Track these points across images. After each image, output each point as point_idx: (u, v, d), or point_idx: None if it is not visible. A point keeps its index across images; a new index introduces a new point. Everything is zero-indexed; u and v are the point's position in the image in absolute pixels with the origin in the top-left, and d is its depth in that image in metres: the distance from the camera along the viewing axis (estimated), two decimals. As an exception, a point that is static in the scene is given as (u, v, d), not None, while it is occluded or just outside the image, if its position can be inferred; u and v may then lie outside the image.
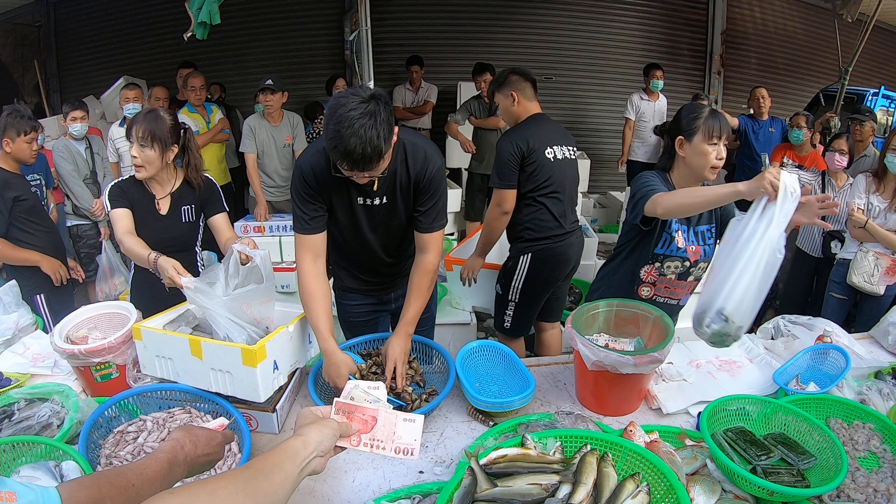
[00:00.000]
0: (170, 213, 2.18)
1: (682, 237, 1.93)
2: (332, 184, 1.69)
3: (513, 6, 6.50)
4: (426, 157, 1.74)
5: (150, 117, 2.05)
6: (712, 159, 1.82)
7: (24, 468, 1.21)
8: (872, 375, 1.82)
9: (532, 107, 2.68)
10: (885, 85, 6.13)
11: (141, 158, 2.04)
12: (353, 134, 1.40)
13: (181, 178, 2.21)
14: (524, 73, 2.70)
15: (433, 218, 1.79)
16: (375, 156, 1.44)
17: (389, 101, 1.53)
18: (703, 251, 1.96)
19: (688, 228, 1.95)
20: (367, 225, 1.82)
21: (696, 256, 1.95)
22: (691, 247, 1.94)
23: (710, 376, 1.84)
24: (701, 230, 1.96)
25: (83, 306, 1.88)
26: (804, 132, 4.03)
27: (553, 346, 2.99)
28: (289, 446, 0.92)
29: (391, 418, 1.10)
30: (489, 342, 1.88)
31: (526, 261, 2.65)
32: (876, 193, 3.07)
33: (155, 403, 1.55)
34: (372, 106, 1.43)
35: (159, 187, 2.17)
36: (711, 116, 1.83)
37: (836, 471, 1.21)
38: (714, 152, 1.82)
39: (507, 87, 2.65)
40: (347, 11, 5.99)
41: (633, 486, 1.09)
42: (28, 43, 6.35)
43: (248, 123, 4.11)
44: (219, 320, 1.57)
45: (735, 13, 6.87)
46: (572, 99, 6.82)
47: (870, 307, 3.04)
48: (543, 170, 2.57)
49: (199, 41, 3.57)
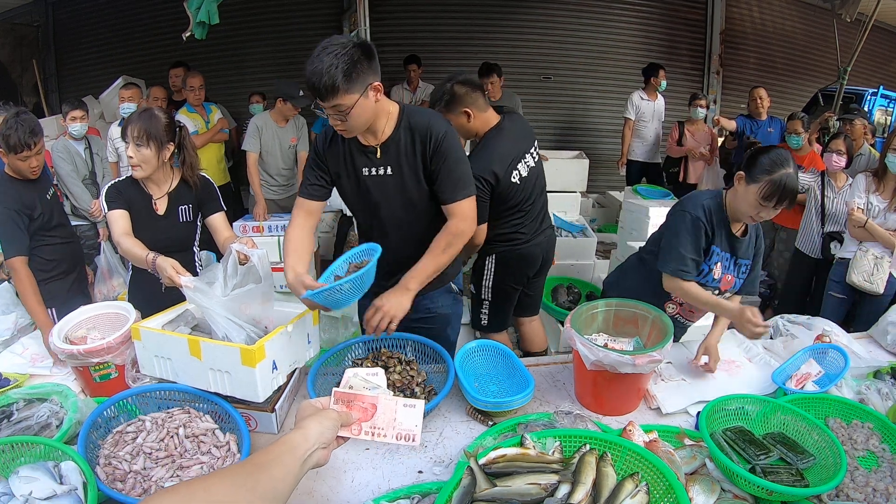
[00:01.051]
0: (167, 213, 2.17)
1: (720, 268, 1.92)
2: (339, 151, 1.78)
3: (512, 6, 6.50)
4: (429, 123, 1.73)
5: (144, 116, 2.04)
6: (754, 214, 1.80)
7: (22, 468, 1.21)
8: (871, 375, 1.82)
9: (489, 117, 2.42)
10: (883, 85, 6.13)
11: (137, 158, 2.03)
12: (317, 60, 1.53)
13: (178, 177, 2.20)
14: (469, 82, 2.41)
15: (453, 186, 1.74)
16: (330, 87, 1.53)
17: (373, 53, 1.60)
18: (735, 283, 1.96)
19: (730, 258, 1.93)
20: (378, 200, 1.80)
21: (727, 286, 1.95)
22: (727, 276, 1.94)
23: (709, 375, 1.84)
24: (743, 263, 1.95)
25: (82, 306, 1.88)
26: (803, 137, 4.04)
27: (536, 338, 2.98)
28: (289, 440, 0.91)
29: (391, 405, 1.09)
30: (488, 342, 1.88)
31: (491, 262, 2.61)
32: (876, 193, 3.07)
33: (154, 403, 1.55)
34: (349, 49, 1.53)
35: (156, 187, 2.16)
36: (781, 181, 1.70)
37: (835, 470, 1.21)
38: (761, 211, 1.77)
39: (457, 104, 2.37)
40: (346, 11, 6.00)
41: (632, 485, 1.09)
42: (27, 43, 6.35)
43: (255, 122, 4.10)
44: (217, 320, 1.57)
45: (734, 13, 6.88)
46: (571, 99, 6.82)
47: (869, 307, 3.04)
48: (511, 194, 2.41)
49: (197, 41, 3.57)
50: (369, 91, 1.60)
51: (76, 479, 1.21)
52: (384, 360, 1.80)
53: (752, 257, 1.97)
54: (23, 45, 6.28)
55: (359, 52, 1.55)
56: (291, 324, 1.64)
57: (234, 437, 1.44)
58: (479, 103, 2.38)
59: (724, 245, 1.90)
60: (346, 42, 1.56)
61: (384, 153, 1.74)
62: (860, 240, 3.08)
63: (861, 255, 3.04)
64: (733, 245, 1.91)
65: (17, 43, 6.20)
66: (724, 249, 1.91)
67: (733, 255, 1.93)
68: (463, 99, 2.36)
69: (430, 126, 1.73)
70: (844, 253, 3.19)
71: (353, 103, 1.57)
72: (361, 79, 1.57)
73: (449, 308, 2.07)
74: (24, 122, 2.26)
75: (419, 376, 1.74)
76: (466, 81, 2.39)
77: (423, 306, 2.00)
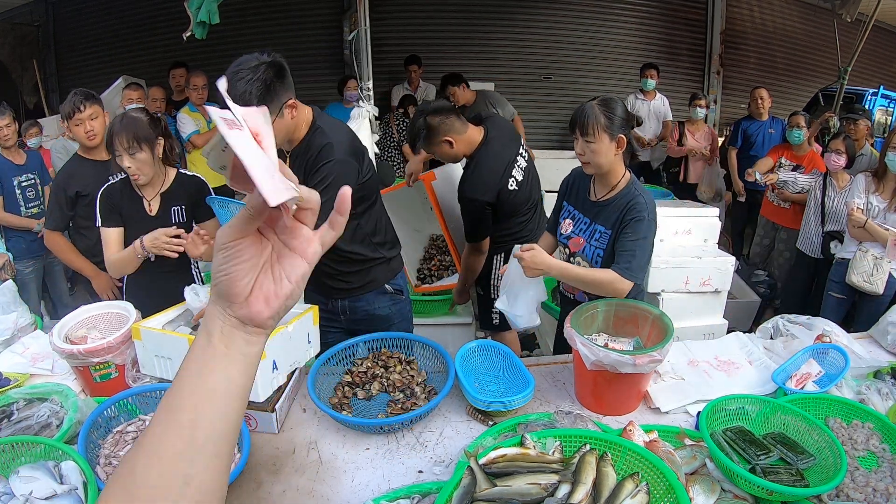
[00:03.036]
0: (159, 214, 2.13)
1: (568, 225, 2.00)
2: None
3: (512, 6, 6.50)
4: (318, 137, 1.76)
5: (126, 122, 1.99)
6: (577, 154, 1.87)
7: (23, 468, 1.21)
8: (871, 375, 1.82)
9: (471, 136, 2.38)
10: (884, 85, 6.13)
11: (135, 166, 1.99)
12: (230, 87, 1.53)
13: (172, 176, 2.17)
14: (440, 110, 2.34)
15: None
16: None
17: (285, 70, 1.62)
18: (585, 247, 1.94)
19: (587, 221, 1.95)
20: None
21: (576, 248, 1.97)
22: (578, 238, 1.96)
23: (706, 375, 1.84)
24: (599, 229, 1.91)
25: (82, 306, 1.88)
26: (804, 132, 4.03)
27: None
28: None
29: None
30: (488, 342, 1.88)
31: (500, 260, 2.62)
32: (875, 193, 3.06)
33: (154, 403, 1.55)
34: (260, 73, 1.54)
35: (150, 188, 2.12)
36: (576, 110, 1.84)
37: (836, 470, 1.21)
38: (576, 147, 1.86)
39: (436, 136, 2.33)
40: (346, 11, 5.99)
41: (632, 485, 1.09)
42: (27, 42, 6.34)
43: None
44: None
45: (734, 13, 6.87)
46: (572, 99, 6.80)
47: (869, 307, 3.04)
48: (512, 201, 2.42)
49: (198, 41, 3.56)
50: (284, 110, 1.62)
51: (76, 478, 1.21)
52: (384, 359, 1.80)
53: (620, 232, 1.85)
54: (23, 44, 6.28)
55: (271, 72, 1.55)
56: (292, 324, 1.64)
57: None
58: (457, 126, 2.35)
59: (578, 204, 1.99)
60: (256, 65, 1.55)
61: (293, 161, 1.76)
62: (860, 240, 3.08)
63: (861, 256, 3.04)
64: (588, 207, 1.95)
65: (17, 42, 6.20)
66: (578, 209, 1.98)
67: (589, 218, 1.94)
68: (439, 129, 2.33)
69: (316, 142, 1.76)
70: (844, 253, 3.19)
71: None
72: (276, 101, 1.58)
73: (387, 309, 2.11)
74: (79, 91, 2.47)
75: (419, 376, 1.74)
76: (437, 111, 2.35)
77: (361, 308, 2.08)
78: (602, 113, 1.78)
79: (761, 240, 4.42)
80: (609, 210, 1.89)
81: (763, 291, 4.16)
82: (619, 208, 1.86)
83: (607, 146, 1.80)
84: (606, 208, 1.90)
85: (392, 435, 1.56)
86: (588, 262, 1.93)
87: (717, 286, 3.16)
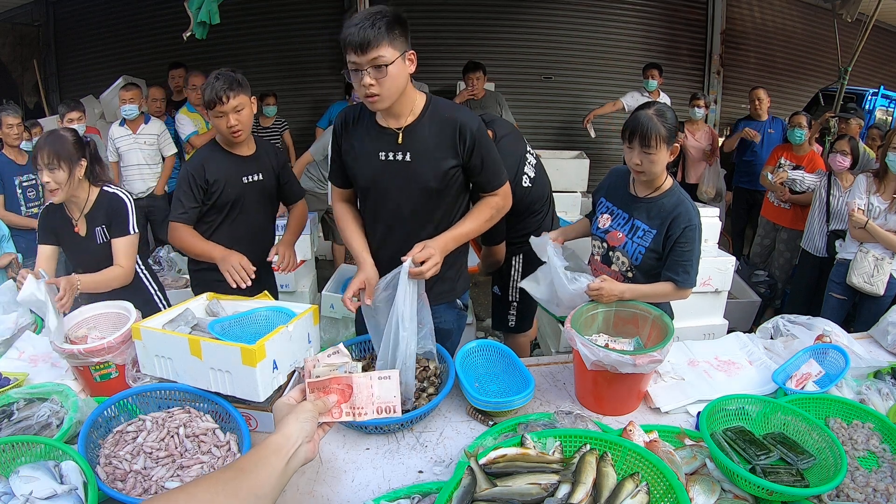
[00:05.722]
0: (87, 235, 2.17)
1: (606, 220, 2.02)
2: (359, 133, 1.79)
3: (512, 5, 6.50)
4: (461, 117, 1.73)
5: (51, 139, 2.04)
6: (629, 161, 1.87)
7: (23, 468, 1.21)
8: (872, 375, 1.82)
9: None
10: (884, 85, 6.13)
11: (53, 182, 2.02)
12: (357, 18, 1.56)
13: (94, 197, 2.17)
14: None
15: (495, 174, 1.82)
16: (374, 35, 1.52)
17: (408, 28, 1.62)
18: (626, 242, 1.95)
19: (625, 216, 1.97)
20: (390, 186, 1.76)
21: (615, 242, 1.98)
22: (617, 232, 1.97)
23: (707, 375, 1.84)
24: (640, 227, 1.92)
25: (82, 306, 1.88)
26: (805, 132, 4.03)
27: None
28: (271, 442, 0.91)
29: (366, 381, 1.09)
30: (488, 342, 1.88)
31: (518, 261, 2.64)
32: (876, 194, 3.06)
33: (154, 403, 1.55)
34: (389, 12, 1.57)
35: (75, 209, 2.16)
36: (631, 119, 1.84)
37: (836, 470, 1.21)
38: (629, 156, 1.86)
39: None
40: (346, 11, 6.00)
41: (632, 485, 1.09)
42: (27, 42, 6.34)
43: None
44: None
45: (734, 13, 6.87)
46: (572, 99, 6.80)
47: (869, 307, 3.04)
48: (526, 197, 2.49)
49: (198, 41, 3.56)
50: (407, 57, 1.61)
51: (76, 478, 1.21)
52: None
53: (666, 235, 1.87)
54: (23, 44, 6.28)
55: (398, 19, 1.59)
56: (292, 324, 1.64)
57: (235, 436, 1.44)
58: None
59: (617, 200, 2.01)
60: (385, 9, 1.59)
61: (406, 138, 1.72)
62: (861, 241, 3.08)
63: (861, 257, 3.04)
64: (627, 202, 1.97)
65: (17, 42, 6.20)
66: (616, 205, 2.00)
67: (628, 214, 1.96)
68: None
69: (462, 120, 1.73)
70: (845, 254, 3.19)
71: (393, 59, 1.56)
72: (400, 40, 1.59)
73: (452, 324, 2.03)
74: (222, 75, 2.13)
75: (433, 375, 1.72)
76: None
77: None
78: (661, 124, 1.80)
79: (762, 240, 4.42)
80: (652, 209, 1.91)
81: (763, 291, 4.16)
82: (664, 209, 1.88)
83: (664, 156, 1.83)
84: (649, 206, 1.91)
85: (392, 435, 1.56)
86: (628, 259, 1.95)
87: (718, 286, 3.16)
